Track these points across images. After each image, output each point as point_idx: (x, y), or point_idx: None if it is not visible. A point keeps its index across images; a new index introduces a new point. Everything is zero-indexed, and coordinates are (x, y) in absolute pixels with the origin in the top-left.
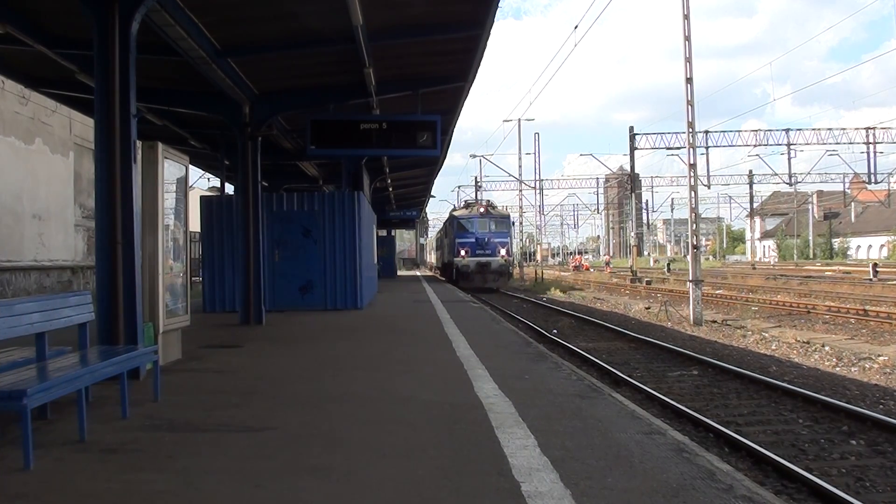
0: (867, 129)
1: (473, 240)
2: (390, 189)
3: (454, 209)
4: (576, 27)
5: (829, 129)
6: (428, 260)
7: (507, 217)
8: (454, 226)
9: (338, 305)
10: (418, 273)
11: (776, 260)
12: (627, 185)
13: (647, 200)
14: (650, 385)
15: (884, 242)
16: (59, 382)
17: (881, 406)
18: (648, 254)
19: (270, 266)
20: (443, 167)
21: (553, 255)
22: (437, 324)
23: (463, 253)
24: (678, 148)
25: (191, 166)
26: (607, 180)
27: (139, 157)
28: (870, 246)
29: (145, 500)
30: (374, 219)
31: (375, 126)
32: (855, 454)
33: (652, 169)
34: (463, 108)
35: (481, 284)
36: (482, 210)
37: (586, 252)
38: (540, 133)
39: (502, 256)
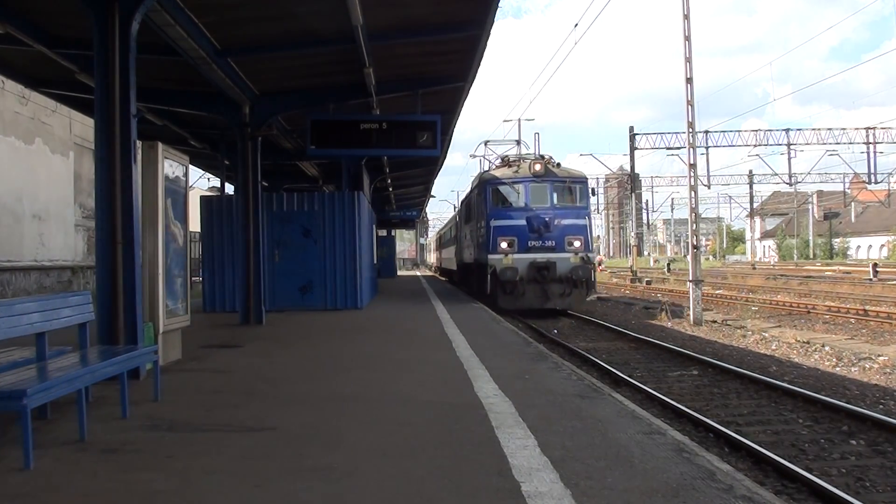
0: (867, 129)
1: (524, 222)
2: (390, 189)
3: (485, 171)
4: (576, 25)
5: (829, 129)
6: (429, 260)
7: (584, 181)
8: (487, 197)
9: (338, 305)
10: (418, 273)
11: (776, 260)
12: (627, 185)
13: (647, 200)
14: (650, 385)
15: (884, 242)
16: (59, 382)
17: (881, 406)
18: (648, 254)
19: (270, 266)
20: (443, 167)
21: None
22: (437, 324)
23: (505, 246)
24: (678, 148)
25: (191, 166)
26: (607, 180)
27: (139, 157)
28: (870, 246)
29: (145, 500)
30: (374, 219)
31: (375, 126)
32: (855, 454)
33: (652, 169)
34: (463, 108)
35: (539, 304)
36: (538, 168)
37: None
38: (540, 133)
39: (576, 251)
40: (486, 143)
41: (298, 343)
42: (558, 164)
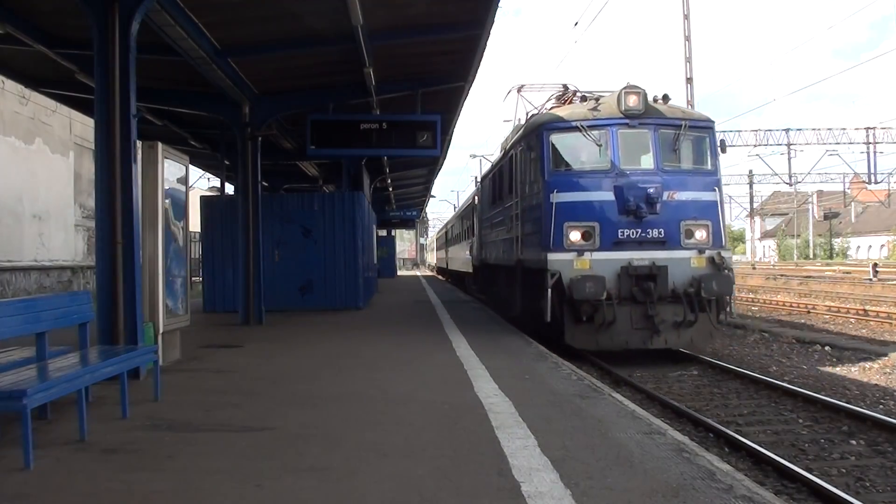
0: (867, 129)
1: (609, 196)
2: (390, 189)
3: (534, 113)
4: (576, 24)
5: (830, 129)
6: (429, 260)
7: (709, 127)
8: (545, 153)
9: (338, 305)
10: (418, 273)
11: (776, 260)
12: None
13: None
14: (650, 385)
15: (884, 242)
16: (59, 382)
17: (881, 406)
18: None
19: (270, 266)
20: (443, 167)
21: None
22: (437, 324)
23: (576, 238)
24: None
25: (191, 166)
26: None
27: (139, 157)
28: (870, 246)
29: (145, 500)
30: (374, 219)
31: (375, 126)
32: (855, 454)
33: None
34: (463, 108)
35: (639, 342)
36: (632, 101)
37: None
38: None
39: (700, 247)
40: (519, 89)
41: (298, 343)
42: (665, 98)
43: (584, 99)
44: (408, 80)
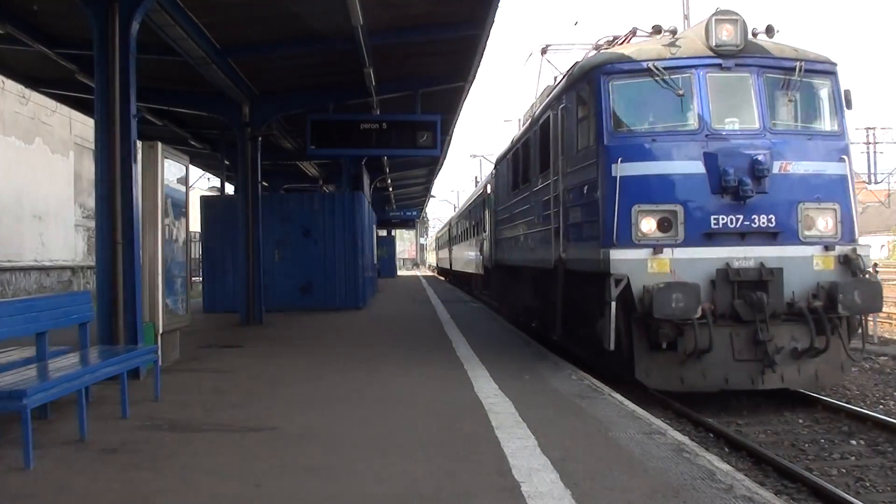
0: (867, 129)
1: (698, 167)
2: (390, 189)
3: (583, 58)
4: (576, 23)
5: None
6: (429, 260)
7: (831, 72)
8: (602, 106)
9: (338, 305)
10: (418, 273)
11: None
12: None
13: None
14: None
15: (884, 242)
16: (59, 382)
17: (881, 406)
18: None
19: (270, 266)
20: (443, 167)
21: None
22: (436, 324)
23: (650, 228)
24: None
25: (191, 166)
26: None
27: (139, 157)
28: (870, 246)
29: (145, 500)
30: (374, 219)
31: (375, 126)
32: (855, 454)
33: None
34: (463, 108)
35: (744, 380)
36: (726, 34)
37: None
38: None
39: (826, 241)
40: (543, 50)
41: (298, 343)
42: (769, 30)
43: (657, 31)
44: (408, 80)
